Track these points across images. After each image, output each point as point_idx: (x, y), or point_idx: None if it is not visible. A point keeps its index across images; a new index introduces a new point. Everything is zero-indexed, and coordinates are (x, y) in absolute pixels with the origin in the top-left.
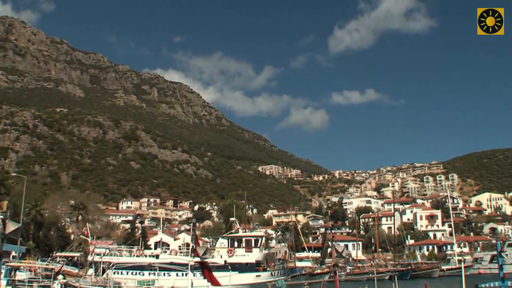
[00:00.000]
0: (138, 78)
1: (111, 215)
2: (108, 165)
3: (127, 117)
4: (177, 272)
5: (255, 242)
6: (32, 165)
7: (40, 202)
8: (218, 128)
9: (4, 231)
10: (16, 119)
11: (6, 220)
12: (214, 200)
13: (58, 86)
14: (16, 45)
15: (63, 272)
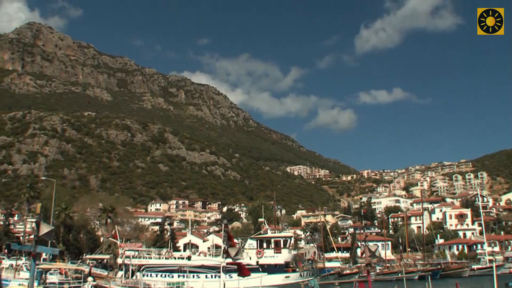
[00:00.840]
0: (165, 80)
1: (140, 218)
2: (136, 168)
3: (154, 119)
4: (206, 274)
5: (284, 243)
6: (61, 169)
7: (69, 205)
8: (245, 130)
9: (38, 233)
10: (45, 123)
11: (40, 222)
12: (243, 201)
13: (86, 90)
14: (43, 51)
15: (93, 275)
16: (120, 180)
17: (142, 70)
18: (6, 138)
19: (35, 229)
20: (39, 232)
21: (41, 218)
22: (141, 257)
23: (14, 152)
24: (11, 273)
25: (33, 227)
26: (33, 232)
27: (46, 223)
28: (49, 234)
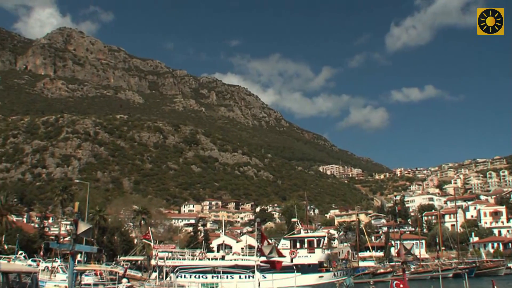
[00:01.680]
0: (196, 82)
1: (174, 219)
2: (169, 170)
3: (186, 121)
4: (239, 274)
5: (317, 243)
6: (95, 172)
7: (103, 208)
8: (277, 130)
9: (76, 231)
10: (77, 127)
11: (78, 221)
12: (276, 202)
13: (117, 93)
14: (75, 55)
15: (127, 276)
16: (153, 182)
17: (173, 72)
18: (40, 142)
19: (73, 227)
20: (77, 230)
21: (79, 217)
22: (175, 258)
23: (47, 155)
24: (47, 275)
25: (68, 229)
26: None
27: (83, 222)
28: (87, 232)
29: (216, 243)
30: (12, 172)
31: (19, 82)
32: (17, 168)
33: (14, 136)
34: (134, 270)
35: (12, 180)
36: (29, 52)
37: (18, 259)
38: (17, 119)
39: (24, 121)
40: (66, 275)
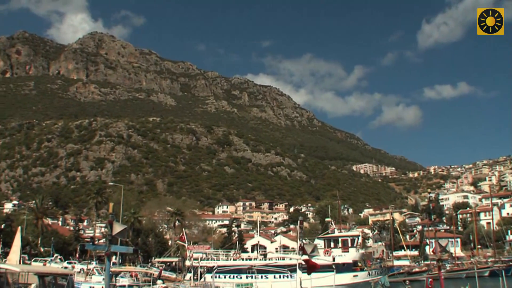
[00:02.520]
0: (227, 83)
1: (208, 220)
2: (202, 171)
3: (219, 122)
4: (274, 274)
5: (351, 242)
6: (128, 174)
7: (137, 210)
8: (310, 129)
9: (111, 232)
10: (110, 130)
11: (113, 222)
12: (310, 201)
13: (150, 96)
14: (107, 59)
15: (162, 277)
16: (186, 184)
17: (204, 74)
18: (74, 145)
19: (108, 228)
20: (112, 231)
21: (114, 218)
22: (209, 259)
23: (81, 159)
24: (82, 277)
25: (102, 231)
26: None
27: (118, 223)
28: (122, 233)
29: (250, 243)
30: (47, 176)
31: (52, 87)
32: (51, 172)
33: (49, 140)
34: (169, 272)
35: (47, 183)
36: (61, 57)
37: (54, 262)
38: (51, 123)
39: (58, 125)
40: (102, 276)
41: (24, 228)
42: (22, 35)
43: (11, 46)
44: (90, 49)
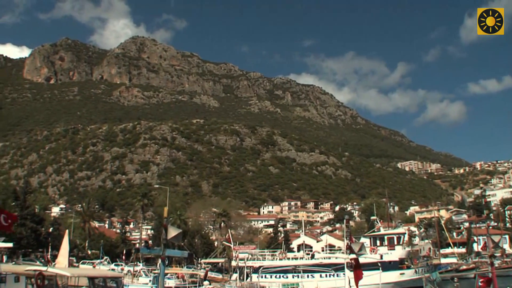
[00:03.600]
0: (270, 84)
1: (253, 221)
2: (247, 172)
3: (262, 123)
4: (320, 273)
5: (397, 240)
6: (173, 176)
7: (183, 212)
8: (354, 127)
9: (166, 236)
10: (154, 133)
11: (167, 226)
12: (355, 200)
13: (193, 98)
14: (149, 63)
15: (209, 278)
16: (231, 185)
17: (246, 74)
18: (119, 149)
19: (163, 232)
20: (167, 235)
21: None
22: (255, 259)
23: (127, 162)
24: (129, 279)
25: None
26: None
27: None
28: (177, 236)
29: (296, 243)
30: (93, 180)
31: (96, 92)
32: (97, 176)
33: (94, 145)
34: (215, 272)
35: (93, 187)
36: (104, 62)
37: (102, 264)
38: (95, 128)
39: (103, 129)
40: (148, 278)
41: (71, 231)
42: (65, 42)
43: (55, 53)
44: (132, 53)
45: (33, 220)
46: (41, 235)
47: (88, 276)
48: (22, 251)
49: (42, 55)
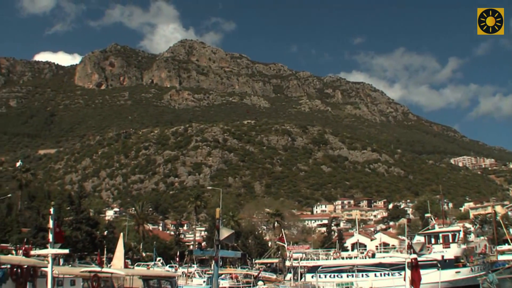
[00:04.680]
0: (320, 82)
1: (306, 220)
2: (299, 171)
3: (313, 122)
4: (375, 273)
5: (452, 237)
6: (226, 178)
7: (236, 212)
8: (405, 124)
9: (219, 237)
10: (206, 135)
11: (220, 227)
12: (408, 197)
13: (243, 99)
14: (198, 65)
15: (262, 278)
16: (284, 185)
17: (296, 74)
18: (171, 152)
19: (216, 233)
20: (220, 236)
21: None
22: (309, 258)
23: (179, 164)
24: (183, 280)
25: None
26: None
27: (226, 228)
28: (229, 237)
29: (350, 242)
30: (146, 183)
31: (147, 96)
32: (150, 179)
33: (146, 148)
34: (269, 272)
35: (146, 190)
36: (153, 67)
37: (156, 266)
38: (147, 131)
39: (154, 133)
40: (202, 279)
41: (126, 234)
42: (114, 48)
43: (105, 59)
44: (181, 56)
45: (88, 224)
46: (96, 238)
47: (142, 276)
48: (78, 255)
49: (92, 62)
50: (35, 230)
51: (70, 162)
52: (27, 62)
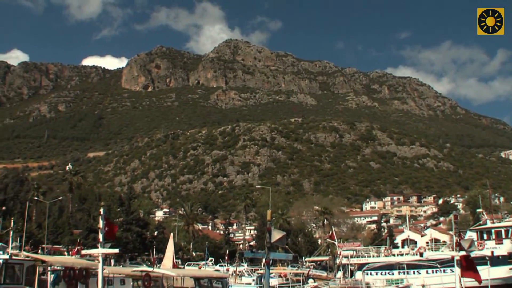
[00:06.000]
0: (366, 78)
1: (356, 217)
2: (348, 168)
3: (361, 118)
4: (427, 269)
5: (505, 233)
6: (274, 176)
7: (285, 211)
8: (453, 118)
9: (270, 239)
10: (254, 134)
11: (271, 229)
12: (458, 192)
13: (290, 97)
14: (243, 65)
15: (313, 276)
16: (333, 182)
17: (342, 70)
18: (219, 151)
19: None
20: (271, 238)
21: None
22: (359, 256)
23: (227, 164)
24: (233, 279)
25: (252, 234)
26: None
27: (277, 229)
28: (281, 240)
29: (400, 238)
30: (195, 183)
31: (193, 97)
32: (199, 179)
33: (194, 149)
34: (320, 270)
35: (195, 190)
36: (199, 68)
37: (207, 265)
38: (195, 132)
39: (202, 133)
40: (251, 278)
41: (176, 234)
42: (159, 50)
43: (151, 62)
44: (226, 56)
45: (138, 225)
46: (146, 239)
47: (193, 276)
48: (129, 255)
49: (138, 64)
50: (86, 231)
51: (119, 164)
52: (74, 67)
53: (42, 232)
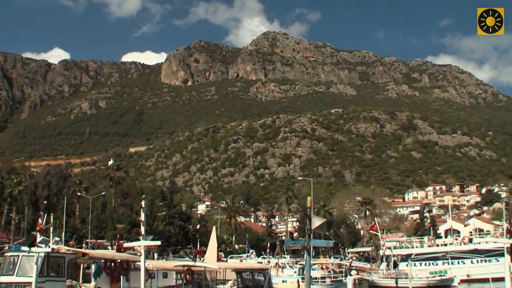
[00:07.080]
0: (406, 67)
1: (398, 207)
2: (389, 158)
3: (401, 107)
4: (471, 259)
5: None
6: (316, 167)
7: (327, 202)
8: (495, 105)
9: (310, 226)
10: (294, 125)
11: (311, 216)
12: (502, 181)
13: (329, 88)
14: (282, 57)
15: (356, 268)
16: (374, 172)
17: (381, 60)
18: (260, 144)
19: (307, 223)
20: (312, 225)
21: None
22: (403, 247)
23: (268, 156)
24: (274, 271)
25: (294, 226)
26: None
27: (317, 216)
28: (321, 226)
29: (443, 228)
30: (236, 176)
31: (233, 90)
32: (240, 172)
33: (235, 142)
34: (363, 262)
35: (236, 183)
36: (238, 60)
37: (249, 258)
38: (235, 125)
39: (243, 126)
40: (293, 270)
41: (218, 227)
42: (198, 44)
43: (189, 56)
44: (265, 49)
45: (181, 219)
46: (189, 232)
47: (235, 269)
48: (172, 249)
49: (177, 59)
50: (129, 226)
51: (161, 158)
52: (114, 64)
53: (86, 227)
